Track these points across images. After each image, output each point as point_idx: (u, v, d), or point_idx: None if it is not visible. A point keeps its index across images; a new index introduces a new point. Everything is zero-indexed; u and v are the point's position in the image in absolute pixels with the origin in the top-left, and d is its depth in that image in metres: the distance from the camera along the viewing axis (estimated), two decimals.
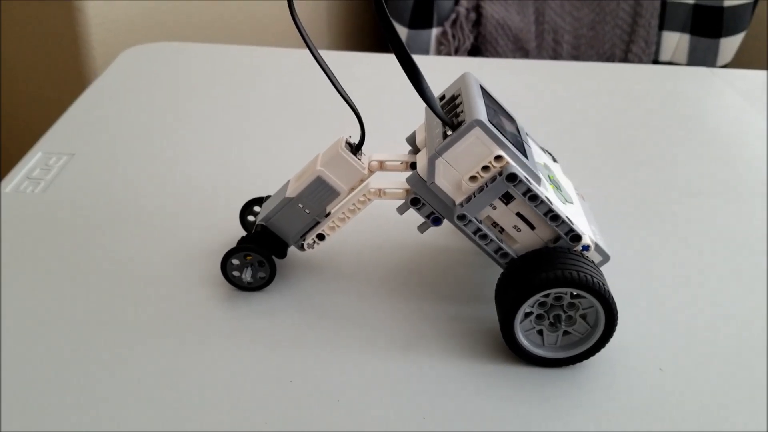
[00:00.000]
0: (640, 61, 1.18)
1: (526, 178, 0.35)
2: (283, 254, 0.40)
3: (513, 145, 0.35)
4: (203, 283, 0.40)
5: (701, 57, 1.17)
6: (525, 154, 0.36)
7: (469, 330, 0.38)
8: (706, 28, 1.16)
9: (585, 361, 0.36)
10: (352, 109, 0.37)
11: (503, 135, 0.35)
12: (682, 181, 0.53)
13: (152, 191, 0.49)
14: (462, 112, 0.36)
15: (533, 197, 0.35)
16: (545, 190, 0.36)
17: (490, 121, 0.35)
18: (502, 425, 0.32)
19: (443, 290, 0.40)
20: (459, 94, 0.38)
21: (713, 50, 1.16)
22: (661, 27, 1.18)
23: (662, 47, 1.19)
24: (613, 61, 1.19)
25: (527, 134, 0.40)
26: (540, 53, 1.20)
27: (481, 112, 0.35)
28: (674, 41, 1.18)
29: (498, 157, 0.35)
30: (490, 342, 0.37)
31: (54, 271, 0.41)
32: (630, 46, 1.19)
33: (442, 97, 0.39)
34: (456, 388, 0.34)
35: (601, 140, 0.59)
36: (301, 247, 0.40)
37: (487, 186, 0.35)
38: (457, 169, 0.35)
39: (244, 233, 0.43)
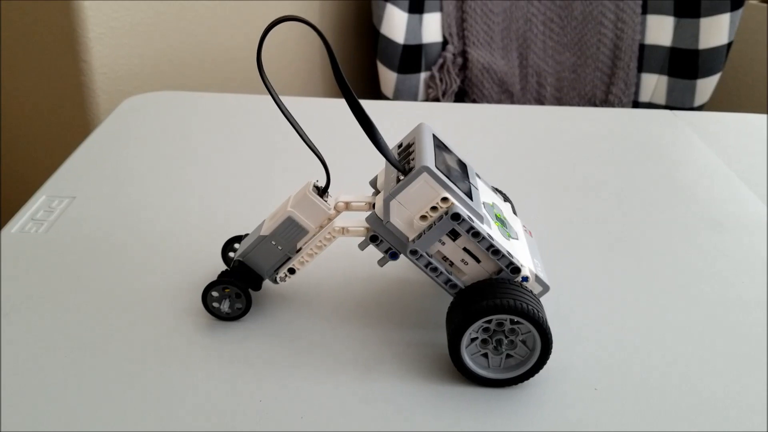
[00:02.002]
0: (621, 102, 1.23)
1: (469, 217, 0.39)
2: (258, 287, 0.44)
3: (459, 187, 0.40)
4: (186, 313, 0.45)
5: (679, 97, 1.22)
6: (470, 196, 0.40)
7: (423, 354, 0.42)
8: (683, 70, 1.21)
9: (527, 381, 0.40)
10: (318, 156, 0.41)
11: (449, 179, 0.39)
12: (635, 218, 0.58)
13: (144, 231, 0.54)
14: (414, 159, 0.40)
15: (476, 234, 0.39)
16: (488, 228, 0.40)
17: (437, 167, 0.39)
18: None
19: (400, 318, 0.45)
20: (413, 143, 0.42)
21: (690, 91, 1.22)
22: (640, 69, 1.23)
23: (641, 88, 1.24)
24: (594, 102, 1.25)
25: (477, 176, 0.45)
26: (524, 95, 1.26)
27: (429, 160, 0.39)
28: (653, 83, 1.23)
29: (444, 199, 0.39)
30: (441, 364, 0.41)
31: (53, 303, 0.45)
32: (610, 88, 1.24)
33: (400, 145, 0.44)
34: (409, 406, 0.38)
35: (567, 179, 0.64)
36: (275, 281, 0.44)
37: (435, 224, 0.39)
38: (409, 210, 0.40)
39: (225, 268, 0.48)
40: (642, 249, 0.53)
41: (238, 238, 0.48)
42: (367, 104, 0.40)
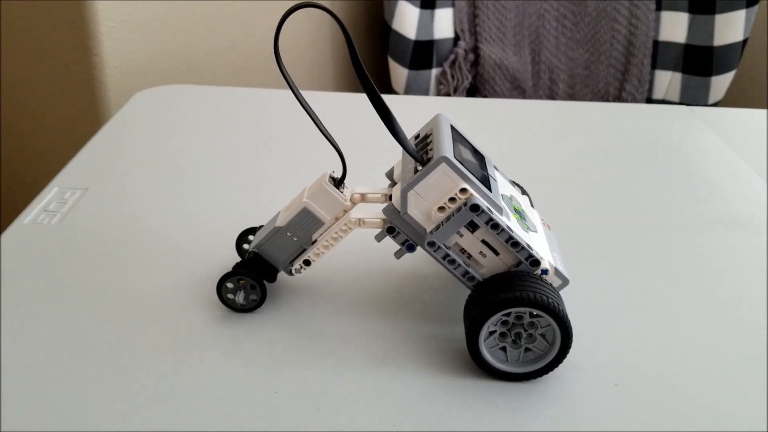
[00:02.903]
0: (634, 98, 1.22)
1: (488, 208, 0.38)
2: (273, 278, 0.44)
3: (477, 178, 0.39)
4: (201, 305, 0.44)
5: (693, 95, 1.21)
6: (489, 187, 0.40)
7: (440, 347, 0.41)
8: (697, 67, 1.20)
9: (546, 375, 0.39)
10: (335, 147, 0.41)
11: (468, 170, 0.39)
12: (652, 214, 0.57)
13: (158, 222, 0.53)
14: (431, 149, 0.40)
15: (495, 225, 0.38)
16: (507, 220, 0.39)
17: (456, 158, 0.39)
18: None
19: (417, 311, 0.44)
20: (431, 133, 0.42)
21: (705, 88, 1.20)
22: (654, 66, 1.22)
23: (655, 85, 1.23)
24: (607, 99, 1.24)
25: (495, 168, 0.44)
26: (537, 92, 1.25)
27: (447, 150, 0.39)
28: (667, 80, 1.22)
29: (463, 190, 0.38)
30: (459, 358, 0.40)
31: (65, 294, 0.45)
32: (624, 85, 1.23)
33: (417, 136, 0.43)
34: (426, 399, 0.38)
35: (581, 175, 0.63)
36: (290, 272, 0.44)
37: (453, 215, 0.39)
38: (427, 201, 0.39)
39: (240, 260, 0.47)
40: (659, 245, 0.53)
41: (253, 230, 0.47)
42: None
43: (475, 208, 0.38)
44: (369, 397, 0.38)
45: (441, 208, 0.39)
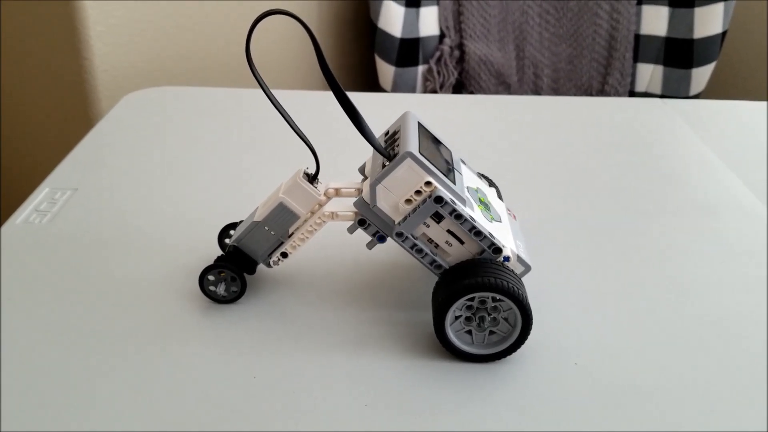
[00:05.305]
0: (617, 92, 1.24)
1: (451, 200, 0.41)
2: (252, 271, 0.46)
3: (442, 172, 0.41)
4: (185, 297, 0.46)
5: (675, 87, 1.23)
6: (453, 180, 0.42)
7: (411, 332, 0.43)
8: (678, 60, 1.22)
9: (509, 356, 0.41)
10: (307, 144, 0.43)
11: (433, 164, 0.41)
12: (620, 203, 0.59)
13: (144, 220, 0.55)
14: (398, 145, 0.42)
15: (458, 216, 0.41)
16: (471, 210, 0.42)
17: (421, 153, 0.41)
18: (436, 412, 0.38)
19: (388, 299, 0.46)
20: (398, 130, 0.44)
21: (686, 80, 1.23)
22: (636, 59, 1.24)
23: (637, 78, 1.25)
24: (590, 92, 1.26)
25: (462, 162, 0.46)
26: (522, 87, 1.27)
27: (413, 145, 0.41)
28: (648, 72, 1.25)
29: (428, 183, 0.41)
30: (428, 342, 0.43)
31: (55, 290, 0.47)
32: (606, 78, 1.25)
33: (387, 133, 0.45)
34: (397, 381, 0.40)
35: (559, 167, 0.65)
36: (268, 264, 0.46)
37: (419, 207, 0.41)
38: (395, 194, 0.42)
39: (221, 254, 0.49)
40: (623, 231, 0.55)
41: (234, 225, 0.49)
42: (365, 96, 0.42)
43: (439, 199, 0.40)
44: (343, 379, 0.40)
45: (408, 201, 0.41)
